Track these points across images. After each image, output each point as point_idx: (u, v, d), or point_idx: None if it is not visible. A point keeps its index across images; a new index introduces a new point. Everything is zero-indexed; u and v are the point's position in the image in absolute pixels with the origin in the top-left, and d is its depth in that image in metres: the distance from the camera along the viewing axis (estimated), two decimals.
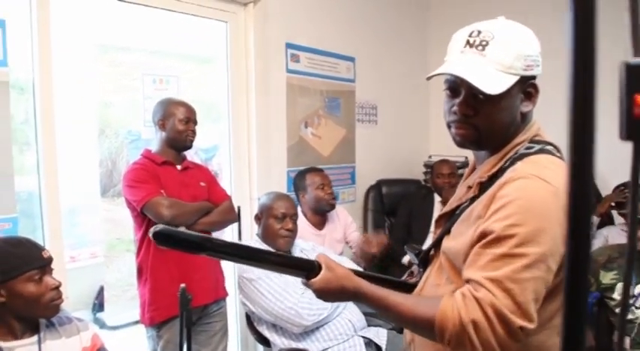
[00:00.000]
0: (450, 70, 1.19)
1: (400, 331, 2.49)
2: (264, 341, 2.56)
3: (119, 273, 4.48)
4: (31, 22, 2.35)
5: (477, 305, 1.06)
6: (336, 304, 2.42)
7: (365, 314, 2.56)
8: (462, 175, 4.24)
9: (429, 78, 1.26)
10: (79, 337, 1.75)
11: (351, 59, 4.02)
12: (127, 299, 4.45)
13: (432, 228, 3.62)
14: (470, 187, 1.27)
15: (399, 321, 1.23)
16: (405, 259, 3.47)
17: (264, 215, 2.61)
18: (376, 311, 1.22)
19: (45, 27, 2.38)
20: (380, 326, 2.53)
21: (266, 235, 2.57)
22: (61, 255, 2.38)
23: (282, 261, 1.27)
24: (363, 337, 2.42)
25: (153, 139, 2.69)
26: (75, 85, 3.88)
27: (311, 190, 3.15)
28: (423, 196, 3.99)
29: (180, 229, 1.24)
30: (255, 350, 3.28)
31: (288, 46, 3.49)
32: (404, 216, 3.92)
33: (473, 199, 1.23)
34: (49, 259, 1.67)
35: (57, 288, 1.65)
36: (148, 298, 2.44)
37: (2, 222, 2.21)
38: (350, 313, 2.48)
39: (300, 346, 2.36)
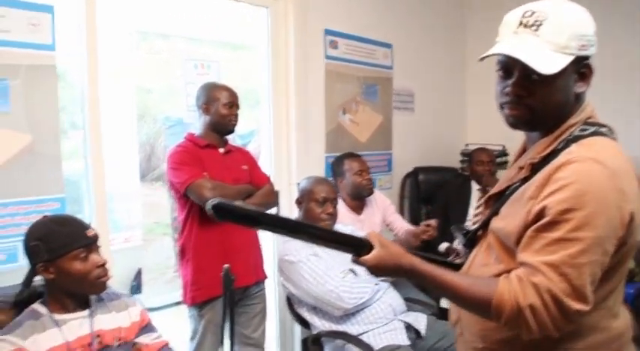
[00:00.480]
0: (503, 50, 1.18)
1: (440, 317, 2.50)
2: (304, 323, 2.58)
3: (157, 256, 4.56)
4: (79, 7, 2.40)
5: (534, 290, 1.07)
6: (376, 288, 2.43)
7: (405, 299, 2.56)
8: (499, 163, 4.17)
9: (482, 58, 1.24)
10: (127, 312, 1.80)
11: (388, 46, 4.00)
12: (164, 282, 4.54)
13: (470, 216, 3.63)
14: (521, 168, 1.27)
15: (453, 299, 1.25)
16: (443, 246, 3.45)
17: (305, 199, 2.62)
18: (429, 289, 1.24)
19: (92, 13, 2.43)
20: (419, 312, 2.53)
21: (307, 218, 2.59)
22: (106, 237, 2.43)
23: (335, 237, 1.28)
24: (403, 321, 2.42)
25: (195, 123, 2.72)
26: (115, 71, 3.95)
27: (349, 175, 3.13)
28: (459, 184, 3.98)
29: (237, 202, 1.26)
30: (292, 333, 3.32)
31: (327, 32, 3.49)
32: (441, 203, 3.90)
33: (524, 180, 1.23)
34: (95, 237, 1.69)
35: (103, 265, 1.68)
36: (190, 279, 2.47)
37: (52, 202, 2.28)
38: (390, 297, 2.48)
39: (340, 328, 2.38)
